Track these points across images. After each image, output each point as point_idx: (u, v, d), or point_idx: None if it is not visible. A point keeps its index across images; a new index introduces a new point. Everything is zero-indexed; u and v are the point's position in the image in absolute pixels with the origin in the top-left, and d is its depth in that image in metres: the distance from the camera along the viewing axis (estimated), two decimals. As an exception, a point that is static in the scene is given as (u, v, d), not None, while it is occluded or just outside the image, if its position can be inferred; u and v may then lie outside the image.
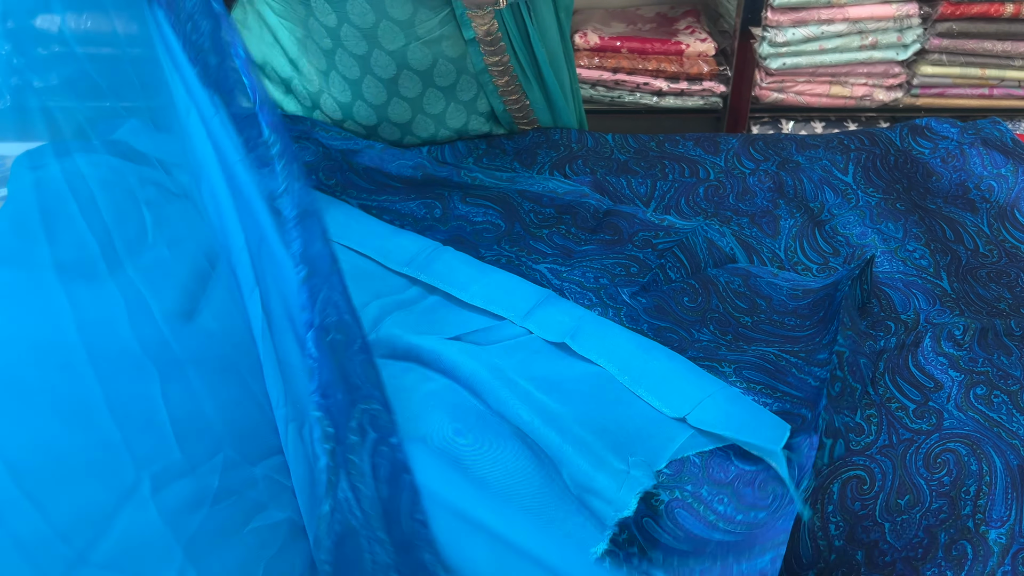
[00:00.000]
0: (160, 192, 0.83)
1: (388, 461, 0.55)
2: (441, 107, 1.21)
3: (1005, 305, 0.98)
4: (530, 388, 0.79)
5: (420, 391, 0.79)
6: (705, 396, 0.77)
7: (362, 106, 1.20)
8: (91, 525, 0.59)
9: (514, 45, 1.17)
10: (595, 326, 0.86)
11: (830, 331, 0.87)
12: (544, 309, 0.88)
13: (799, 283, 0.98)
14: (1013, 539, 0.75)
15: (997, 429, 0.80)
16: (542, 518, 0.72)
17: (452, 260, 0.96)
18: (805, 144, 1.26)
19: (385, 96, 1.18)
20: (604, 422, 0.77)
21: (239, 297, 0.75)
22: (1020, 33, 2.03)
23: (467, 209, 1.07)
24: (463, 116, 1.23)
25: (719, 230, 1.07)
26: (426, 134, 1.24)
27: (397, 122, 1.22)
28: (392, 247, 0.97)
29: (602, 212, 1.07)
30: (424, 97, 1.20)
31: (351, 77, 1.17)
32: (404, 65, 1.15)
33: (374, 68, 1.15)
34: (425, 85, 1.18)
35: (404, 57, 1.14)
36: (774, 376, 0.82)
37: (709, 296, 0.95)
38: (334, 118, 1.23)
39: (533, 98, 1.24)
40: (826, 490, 0.77)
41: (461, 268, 0.94)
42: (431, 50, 1.15)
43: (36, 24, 0.80)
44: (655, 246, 1.01)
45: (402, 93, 1.19)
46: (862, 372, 0.83)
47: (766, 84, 2.07)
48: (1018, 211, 1.14)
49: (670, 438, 0.76)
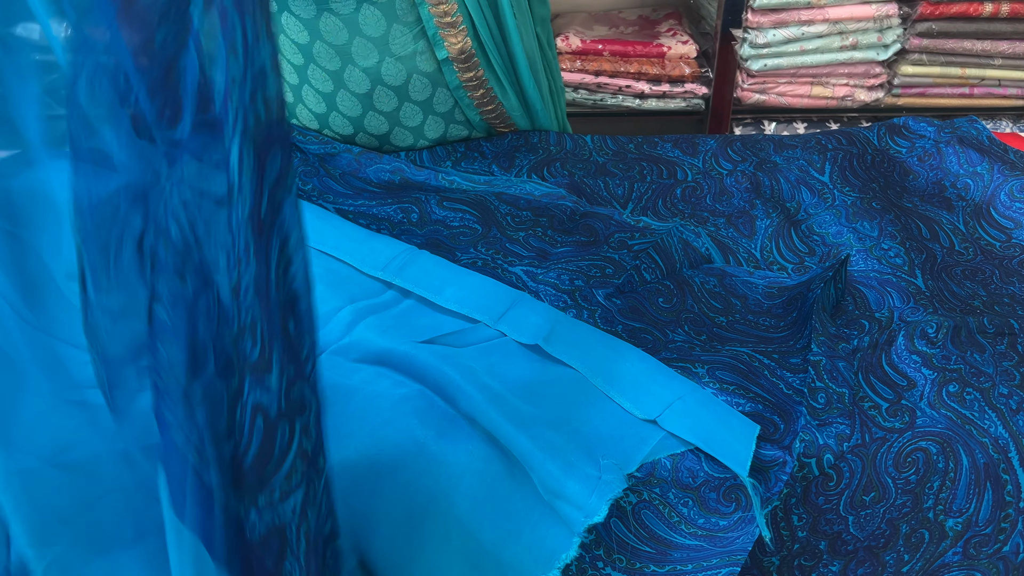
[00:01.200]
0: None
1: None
2: (419, 120, 1.21)
3: (979, 302, 0.98)
4: (502, 391, 0.78)
5: (392, 396, 0.79)
6: (675, 399, 0.77)
7: (337, 117, 1.20)
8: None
9: (490, 59, 1.17)
10: (569, 328, 0.86)
11: (804, 335, 0.87)
12: (518, 311, 0.88)
13: (774, 281, 0.98)
14: (969, 527, 0.78)
15: (969, 427, 0.80)
16: (512, 522, 0.72)
17: (427, 264, 0.96)
18: (783, 144, 1.26)
19: (360, 109, 1.18)
20: (576, 424, 0.77)
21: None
22: (999, 32, 2.04)
23: (444, 213, 1.07)
24: (441, 127, 1.23)
25: (694, 231, 1.07)
26: (405, 144, 1.24)
27: (374, 133, 1.22)
28: (368, 251, 0.97)
29: (578, 214, 1.07)
30: (400, 111, 1.20)
31: (324, 91, 1.17)
32: (378, 81, 1.15)
33: (348, 83, 1.15)
34: (401, 100, 1.18)
35: (378, 73, 1.14)
36: (747, 377, 0.82)
37: (684, 296, 0.95)
38: (311, 127, 1.23)
39: (509, 106, 1.25)
40: (789, 485, 0.77)
41: (436, 271, 0.94)
42: (405, 66, 1.15)
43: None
44: (630, 247, 1.00)
45: (377, 107, 1.18)
46: (844, 375, 0.83)
47: (748, 85, 2.07)
48: (993, 209, 1.15)
49: (642, 440, 0.76)
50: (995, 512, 0.80)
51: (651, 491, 0.74)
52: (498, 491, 0.73)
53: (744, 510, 0.73)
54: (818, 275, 0.92)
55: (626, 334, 0.88)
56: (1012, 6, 1.98)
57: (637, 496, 0.74)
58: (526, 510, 0.72)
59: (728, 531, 0.72)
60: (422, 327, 0.88)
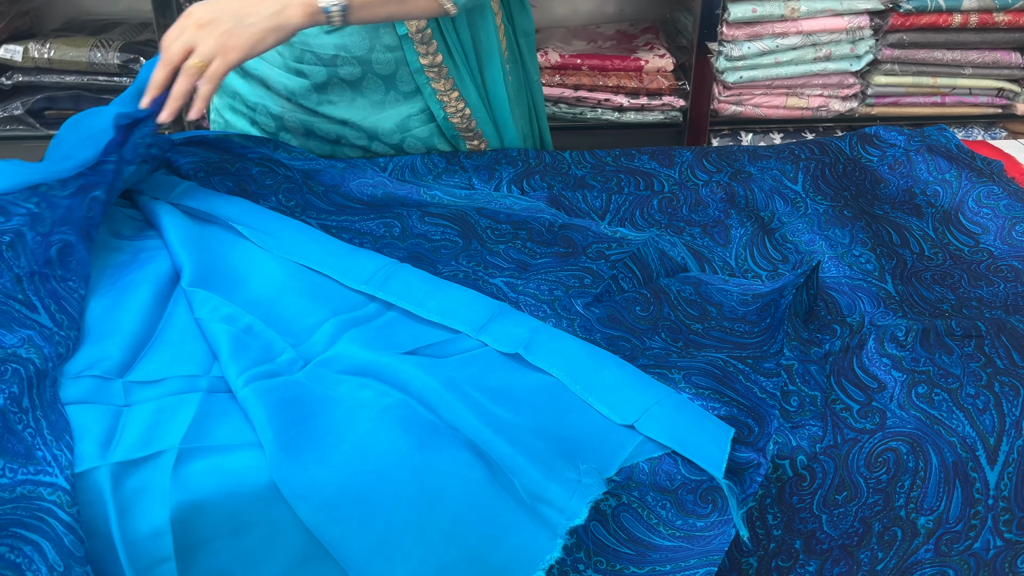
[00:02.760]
0: None
1: None
2: (380, 95, 1.25)
3: (948, 306, 1.01)
4: (483, 399, 0.80)
5: (375, 406, 0.80)
6: (652, 403, 0.79)
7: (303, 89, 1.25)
8: None
9: (447, 41, 1.20)
10: (548, 337, 0.88)
11: (777, 340, 0.89)
12: (498, 322, 0.90)
13: (748, 288, 1.01)
14: (940, 524, 0.81)
15: (938, 427, 0.83)
16: (495, 527, 0.74)
17: (409, 276, 0.98)
18: (757, 155, 1.29)
19: (325, 76, 1.23)
20: (556, 430, 0.79)
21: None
22: (968, 42, 2.08)
23: (425, 227, 1.09)
24: (403, 110, 1.26)
25: (670, 241, 1.09)
26: (367, 123, 1.26)
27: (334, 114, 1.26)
28: (350, 265, 0.99)
29: (557, 226, 1.09)
30: (364, 81, 1.24)
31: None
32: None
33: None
34: (364, 71, 1.22)
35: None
36: (722, 381, 0.85)
37: (661, 305, 0.97)
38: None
39: (472, 103, 1.27)
40: (764, 485, 0.79)
41: (418, 284, 0.96)
42: (369, 35, 1.19)
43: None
44: (608, 257, 1.03)
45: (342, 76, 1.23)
46: (816, 379, 0.86)
47: (724, 97, 2.11)
48: (962, 215, 1.18)
49: (620, 445, 0.78)
50: (964, 509, 0.82)
51: (630, 494, 0.76)
52: (481, 497, 0.75)
53: (720, 512, 0.75)
54: (790, 282, 0.95)
55: (604, 342, 0.90)
56: (980, 16, 2.02)
57: (616, 500, 0.76)
58: (509, 514, 0.74)
59: (705, 531, 0.74)
60: (405, 338, 0.90)
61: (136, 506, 0.73)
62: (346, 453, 0.77)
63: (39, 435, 0.73)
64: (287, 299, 0.94)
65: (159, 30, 1.99)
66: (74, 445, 0.74)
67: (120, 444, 0.75)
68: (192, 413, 0.79)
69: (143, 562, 0.73)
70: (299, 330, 0.91)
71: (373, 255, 1.01)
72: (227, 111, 1.33)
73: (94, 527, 0.72)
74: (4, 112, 2.04)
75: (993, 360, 0.89)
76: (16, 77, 2.04)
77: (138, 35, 2.11)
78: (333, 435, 0.78)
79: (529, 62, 1.35)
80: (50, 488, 0.70)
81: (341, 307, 0.94)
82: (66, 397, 0.79)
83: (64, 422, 0.75)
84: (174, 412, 0.79)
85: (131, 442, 0.76)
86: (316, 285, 0.97)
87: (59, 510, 0.70)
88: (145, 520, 0.73)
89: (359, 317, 0.93)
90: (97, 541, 0.72)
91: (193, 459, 0.76)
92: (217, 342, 0.86)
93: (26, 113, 2.04)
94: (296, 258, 1.00)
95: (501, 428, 0.77)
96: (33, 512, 0.69)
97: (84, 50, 2.01)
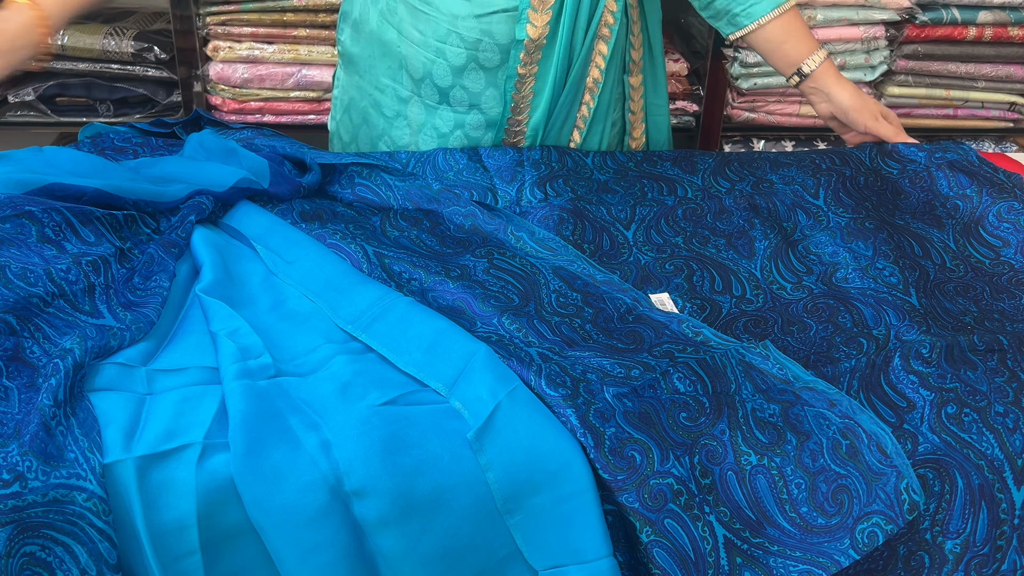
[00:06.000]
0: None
1: None
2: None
3: (970, 318, 1.02)
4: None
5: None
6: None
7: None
8: None
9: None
10: (508, 416, 0.80)
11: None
12: (469, 379, 0.83)
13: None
14: (967, 548, 0.81)
15: (967, 450, 0.83)
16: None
17: (405, 313, 0.92)
18: (778, 163, 1.29)
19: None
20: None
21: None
22: (982, 55, 2.09)
23: (486, 278, 1.00)
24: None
25: (762, 354, 0.90)
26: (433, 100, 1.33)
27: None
28: (344, 302, 0.94)
29: (632, 316, 0.96)
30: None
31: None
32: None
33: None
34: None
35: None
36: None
37: (718, 419, 0.83)
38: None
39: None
40: None
41: (408, 323, 0.91)
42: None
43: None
44: (674, 358, 0.88)
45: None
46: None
47: (738, 104, 2.11)
48: (982, 228, 1.18)
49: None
50: (991, 531, 0.82)
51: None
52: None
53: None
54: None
55: (611, 440, 0.79)
56: (995, 30, 2.03)
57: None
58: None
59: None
60: (385, 379, 0.86)
61: (161, 499, 0.73)
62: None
63: (70, 433, 0.73)
64: (284, 325, 0.93)
65: (174, 20, 1.98)
66: (101, 442, 0.74)
67: (144, 434, 0.75)
68: (216, 405, 0.79)
69: (169, 555, 0.73)
70: (293, 355, 0.89)
71: (376, 287, 0.96)
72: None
73: (119, 519, 0.72)
74: (15, 98, 2.03)
75: (1017, 374, 0.90)
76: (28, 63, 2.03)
77: (152, 24, 2.10)
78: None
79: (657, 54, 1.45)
80: (84, 494, 0.70)
81: (334, 336, 0.92)
82: (89, 384, 0.79)
83: (92, 418, 0.75)
84: (198, 403, 0.79)
85: (156, 433, 0.75)
86: (317, 313, 0.96)
87: (94, 517, 0.70)
88: (170, 513, 0.73)
89: (346, 349, 0.90)
90: (122, 533, 0.73)
91: (217, 453, 0.75)
92: (221, 352, 0.86)
93: (37, 99, 2.04)
94: (299, 286, 0.97)
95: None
96: (67, 516, 0.69)
97: (98, 37, 2.00)
